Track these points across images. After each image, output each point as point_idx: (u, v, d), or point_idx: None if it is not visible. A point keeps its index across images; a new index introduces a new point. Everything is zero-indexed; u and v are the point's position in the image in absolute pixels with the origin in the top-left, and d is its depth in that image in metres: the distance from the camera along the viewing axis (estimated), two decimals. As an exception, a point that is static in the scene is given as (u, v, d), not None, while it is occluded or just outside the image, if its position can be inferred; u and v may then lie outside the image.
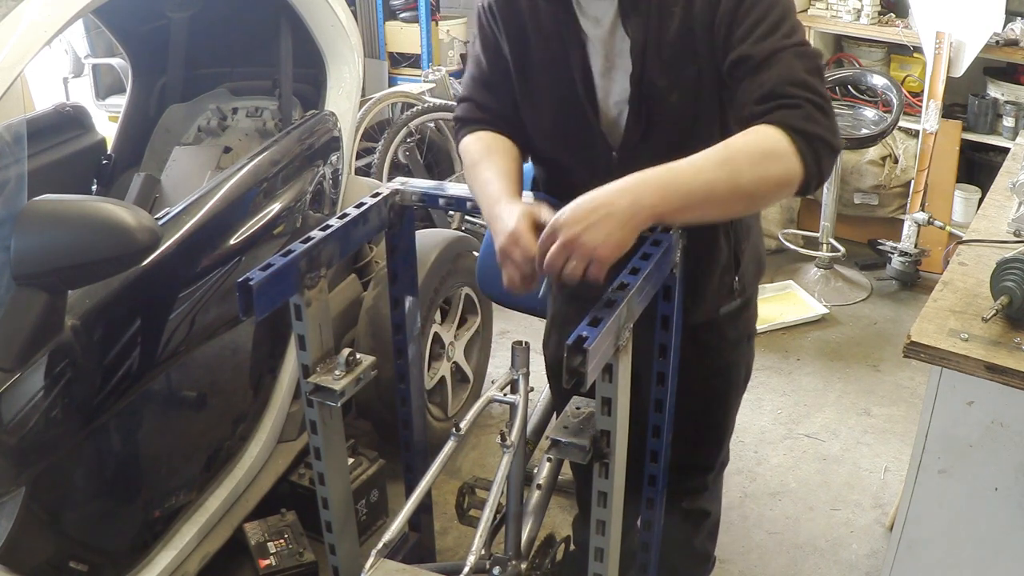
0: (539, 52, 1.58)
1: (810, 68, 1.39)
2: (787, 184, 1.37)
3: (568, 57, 1.54)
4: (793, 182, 1.36)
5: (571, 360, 1.26)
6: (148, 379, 1.94)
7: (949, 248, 2.03)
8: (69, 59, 5.08)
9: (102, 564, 1.92)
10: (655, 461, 1.81)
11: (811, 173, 1.36)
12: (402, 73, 5.50)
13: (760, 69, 1.39)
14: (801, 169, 1.35)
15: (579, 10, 1.52)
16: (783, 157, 1.34)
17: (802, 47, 1.40)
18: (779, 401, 3.25)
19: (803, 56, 1.39)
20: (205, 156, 2.77)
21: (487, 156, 1.59)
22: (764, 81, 1.38)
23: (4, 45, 1.63)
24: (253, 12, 2.68)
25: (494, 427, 3.03)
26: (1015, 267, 1.55)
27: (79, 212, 1.60)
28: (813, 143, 1.35)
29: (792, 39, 1.40)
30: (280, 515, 2.44)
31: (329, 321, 1.67)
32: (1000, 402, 1.52)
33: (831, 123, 1.38)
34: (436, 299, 2.75)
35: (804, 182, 1.36)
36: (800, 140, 1.34)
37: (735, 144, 1.35)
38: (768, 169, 1.34)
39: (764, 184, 1.35)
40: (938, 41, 3.65)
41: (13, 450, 1.63)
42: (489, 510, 1.52)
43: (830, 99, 1.41)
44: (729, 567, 2.49)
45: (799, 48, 1.40)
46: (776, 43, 1.39)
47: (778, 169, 1.34)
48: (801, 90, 1.37)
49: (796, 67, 1.38)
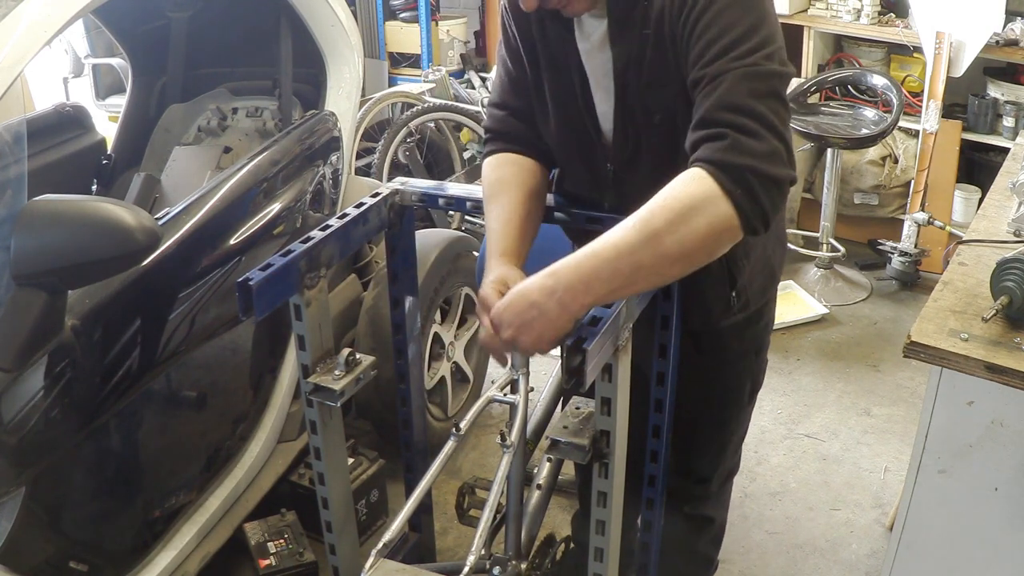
0: (545, 63, 1.58)
1: (756, 90, 1.27)
2: (721, 232, 1.25)
3: (569, 71, 1.54)
4: (729, 228, 1.24)
5: (571, 360, 1.27)
6: (148, 379, 1.94)
7: (949, 248, 2.03)
8: (69, 59, 5.08)
9: (102, 564, 1.92)
10: (655, 461, 1.81)
11: (747, 212, 1.23)
12: (402, 73, 5.50)
13: (703, 94, 1.30)
14: (732, 211, 1.23)
15: (577, 25, 1.51)
16: (707, 205, 1.23)
17: (754, 67, 1.28)
18: (779, 401, 3.25)
19: (752, 77, 1.27)
20: (205, 156, 2.77)
21: (497, 195, 1.61)
22: (699, 108, 1.30)
23: (4, 45, 1.63)
24: (253, 12, 2.68)
25: (494, 427, 3.03)
26: (1015, 267, 1.54)
27: (79, 212, 1.60)
28: (741, 177, 1.23)
29: (746, 59, 1.28)
30: (280, 515, 2.44)
31: (329, 321, 1.67)
32: (1000, 402, 1.52)
33: (767, 147, 1.24)
34: (436, 299, 2.75)
35: (744, 223, 1.24)
36: (724, 177, 1.23)
37: (655, 205, 1.25)
38: (691, 225, 1.23)
39: (693, 242, 1.24)
40: (938, 41, 3.65)
41: (13, 450, 1.63)
42: (489, 510, 1.52)
43: (778, 121, 1.27)
44: (729, 567, 2.49)
45: (751, 68, 1.28)
46: (725, 64, 1.28)
47: (702, 222, 1.23)
48: (732, 115, 1.26)
49: (736, 90, 1.27)
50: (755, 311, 1.74)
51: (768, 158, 1.24)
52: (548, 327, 1.29)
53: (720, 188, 1.23)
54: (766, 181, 1.24)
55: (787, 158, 1.27)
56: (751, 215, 1.24)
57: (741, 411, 1.90)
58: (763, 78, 1.28)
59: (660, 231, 1.23)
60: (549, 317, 1.28)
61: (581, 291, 1.27)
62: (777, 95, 1.29)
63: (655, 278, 1.31)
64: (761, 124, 1.25)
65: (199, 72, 2.93)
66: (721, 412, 1.87)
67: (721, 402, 1.85)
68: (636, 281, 1.28)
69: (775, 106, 1.27)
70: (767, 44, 1.31)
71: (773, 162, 1.24)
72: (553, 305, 1.28)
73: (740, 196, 1.23)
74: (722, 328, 1.71)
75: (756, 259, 1.66)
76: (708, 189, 1.23)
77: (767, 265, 1.71)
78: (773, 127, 1.26)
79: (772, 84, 1.29)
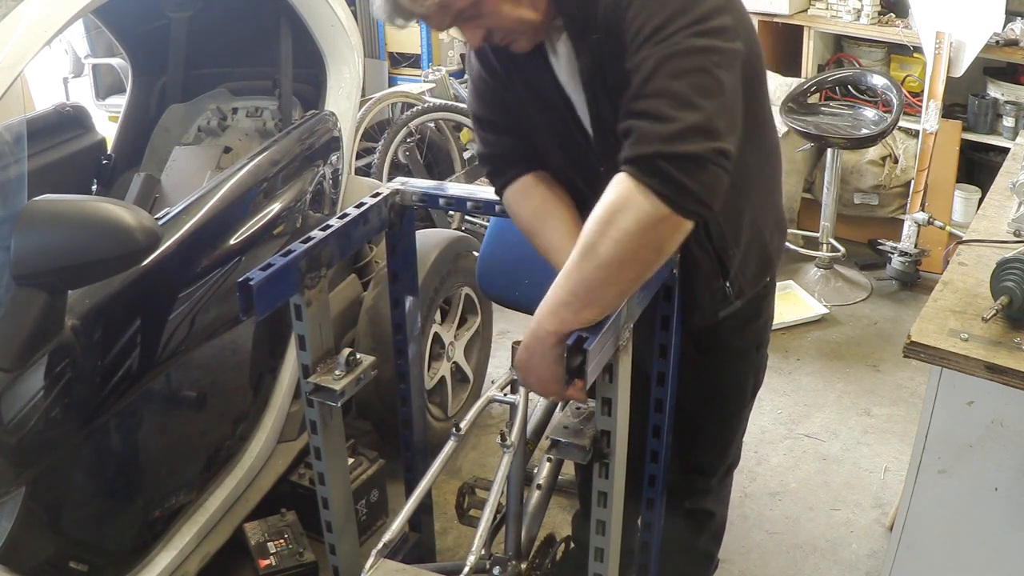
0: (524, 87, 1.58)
1: (676, 69, 1.23)
2: (654, 226, 1.23)
3: (546, 88, 1.55)
4: (661, 219, 1.22)
5: (571, 360, 1.27)
6: (148, 379, 1.94)
7: (949, 248, 2.03)
8: (69, 59, 5.07)
9: (102, 564, 1.92)
10: (655, 461, 1.81)
11: (672, 198, 1.21)
12: (402, 73, 5.50)
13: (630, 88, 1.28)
14: (657, 201, 1.21)
15: (547, 45, 1.52)
16: (628, 204, 1.22)
17: (674, 47, 1.25)
18: (779, 401, 3.25)
19: (671, 58, 1.24)
20: (205, 156, 2.77)
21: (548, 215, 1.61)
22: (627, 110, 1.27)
23: (4, 45, 1.63)
24: (253, 12, 2.68)
25: (494, 427, 3.03)
26: (1015, 267, 1.54)
27: (79, 212, 1.60)
28: (652, 166, 1.21)
29: (667, 40, 1.25)
30: (280, 515, 2.44)
31: (329, 321, 1.67)
32: (1000, 402, 1.52)
33: (676, 126, 1.20)
34: (436, 299, 2.75)
35: (677, 209, 1.22)
36: (636, 171, 1.22)
37: (588, 220, 1.27)
38: (620, 228, 1.23)
39: (628, 244, 1.23)
40: (938, 41, 3.65)
41: (13, 450, 1.63)
42: (489, 510, 1.53)
43: (697, 94, 1.22)
44: (729, 567, 2.49)
45: (671, 49, 1.25)
46: (646, 51, 1.26)
47: (629, 221, 1.22)
48: (643, 103, 1.24)
49: (654, 76, 1.24)
50: (754, 306, 1.74)
51: (676, 137, 1.21)
52: (546, 367, 1.37)
53: (636, 183, 1.22)
54: (679, 161, 1.20)
55: (708, 130, 1.21)
56: (678, 199, 1.22)
57: (744, 407, 1.91)
58: (685, 55, 1.24)
59: (593, 243, 1.26)
60: (545, 357, 1.36)
61: (554, 323, 1.32)
62: (702, 69, 1.24)
63: (613, 288, 1.30)
64: (673, 103, 1.22)
65: (199, 72, 2.93)
66: (724, 409, 1.88)
67: (724, 399, 1.86)
68: (596, 298, 1.29)
69: (698, 80, 1.23)
70: (701, 21, 1.27)
71: (684, 139, 1.21)
72: (538, 344, 1.35)
73: (658, 185, 1.21)
74: (722, 322, 1.70)
75: (748, 245, 1.64)
76: (626, 188, 1.23)
77: (762, 252, 1.69)
78: (688, 102, 1.22)
79: (696, 60, 1.24)
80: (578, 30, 1.44)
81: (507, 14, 1.41)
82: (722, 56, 1.27)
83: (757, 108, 1.55)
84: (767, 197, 1.68)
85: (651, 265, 1.31)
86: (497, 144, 1.67)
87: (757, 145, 1.58)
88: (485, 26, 1.43)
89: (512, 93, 1.60)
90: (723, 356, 1.79)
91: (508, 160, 1.66)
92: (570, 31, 1.46)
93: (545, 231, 1.61)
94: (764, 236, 1.68)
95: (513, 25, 1.43)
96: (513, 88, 1.60)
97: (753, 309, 1.75)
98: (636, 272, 1.30)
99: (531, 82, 1.56)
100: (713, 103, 1.23)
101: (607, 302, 1.31)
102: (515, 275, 2.16)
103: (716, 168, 1.23)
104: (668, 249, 1.29)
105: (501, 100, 1.64)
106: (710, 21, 1.28)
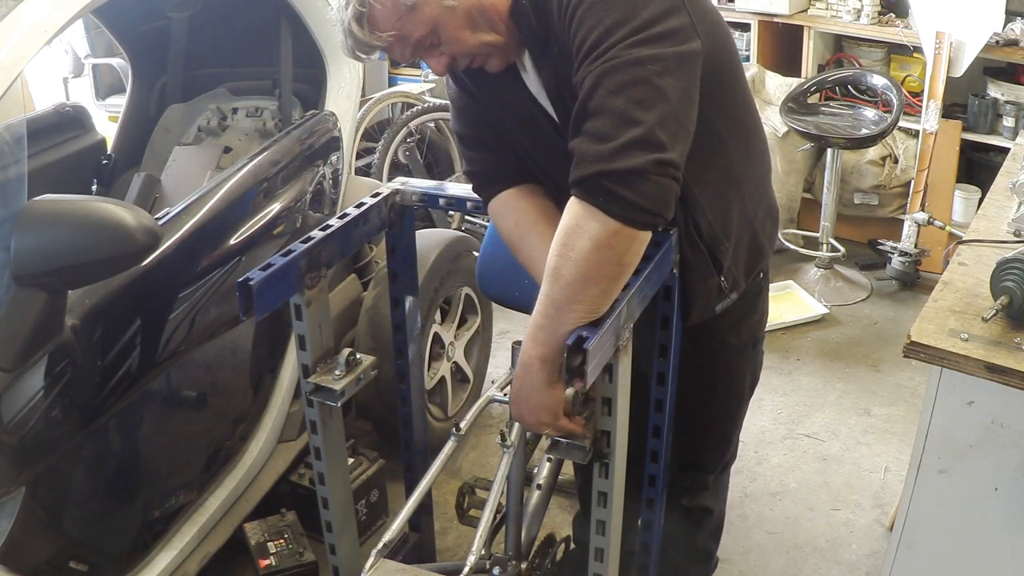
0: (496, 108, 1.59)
1: (613, 84, 1.24)
2: (610, 242, 1.26)
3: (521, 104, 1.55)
4: (615, 234, 1.26)
5: (571, 360, 1.27)
6: (148, 379, 1.94)
7: (949, 248, 2.03)
8: (69, 59, 5.07)
9: (102, 564, 1.92)
10: (655, 461, 1.81)
11: (621, 214, 1.24)
12: (402, 73, 5.50)
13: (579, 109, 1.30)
14: (607, 219, 1.25)
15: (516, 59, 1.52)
16: (580, 225, 1.26)
17: (611, 62, 1.25)
18: (779, 401, 3.25)
19: (608, 72, 1.25)
20: (205, 156, 2.77)
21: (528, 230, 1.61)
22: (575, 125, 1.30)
23: (4, 45, 1.63)
24: (253, 12, 2.68)
25: (494, 427, 3.03)
26: (1015, 267, 1.54)
27: (79, 212, 1.60)
28: (596, 185, 1.24)
29: (603, 56, 1.26)
30: (280, 515, 2.44)
31: (329, 321, 1.67)
32: (1000, 402, 1.52)
33: (614, 144, 1.22)
34: (436, 299, 2.75)
35: (631, 222, 1.26)
36: (583, 193, 1.26)
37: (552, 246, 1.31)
38: (577, 249, 1.27)
39: (588, 263, 1.27)
40: (938, 41, 3.65)
41: (13, 450, 1.63)
42: (489, 510, 1.53)
43: (635, 108, 1.23)
44: (729, 567, 2.49)
45: (607, 64, 1.26)
46: (586, 69, 1.28)
47: (584, 242, 1.26)
48: (584, 123, 1.26)
49: (592, 95, 1.26)
50: (749, 303, 1.75)
51: (615, 155, 1.23)
52: (538, 398, 1.38)
53: (583, 205, 1.26)
54: (620, 177, 1.23)
55: (648, 142, 1.23)
56: (629, 213, 1.25)
57: (742, 404, 1.92)
58: (623, 68, 1.25)
59: (557, 266, 1.30)
60: (535, 387, 1.37)
61: (536, 348, 1.35)
62: (641, 80, 1.24)
63: (581, 306, 1.30)
64: (612, 121, 1.24)
65: (199, 72, 2.93)
66: (723, 406, 1.89)
67: (723, 396, 1.87)
68: (566, 320, 1.30)
69: (637, 93, 1.24)
70: (643, 28, 1.26)
71: (624, 156, 1.22)
72: (526, 373, 1.37)
73: (603, 203, 1.24)
74: (718, 319, 1.71)
75: (739, 237, 1.65)
76: (576, 211, 1.28)
77: (754, 241, 1.69)
78: (628, 118, 1.23)
79: (635, 72, 1.25)
80: (539, 46, 1.45)
81: (467, 40, 1.41)
82: (664, 63, 1.27)
83: (732, 101, 1.55)
84: (756, 187, 1.68)
85: (617, 278, 1.33)
86: (479, 161, 1.68)
87: (739, 137, 1.59)
88: (448, 53, 1.44)
89: (490, 112, 1.62)
90: (720, 353, 1.80)
91: (490, 176, 1.67)
92: (530, 48, 1.47)
93: (524, 246, 1.63)
94: (755, 226, 1.68)
95: (476, 50, 1.44)
96: (489, 107, 1.61)
97: (748, 306, 1.76)
98: (602, 287, 1.31)
99: (506, 101, 1.57)
100: (654, 114, 1.24)
101: (578, 319, 1.31)
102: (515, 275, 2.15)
103: (660, 179, 1.25)
104: (630, 260, 1.32)
105: (481, 117, 1.65)
106: (653, 27, 1.27)
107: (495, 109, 1.60)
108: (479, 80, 1.57)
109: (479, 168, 1.68)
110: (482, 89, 1.59)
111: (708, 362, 1.80)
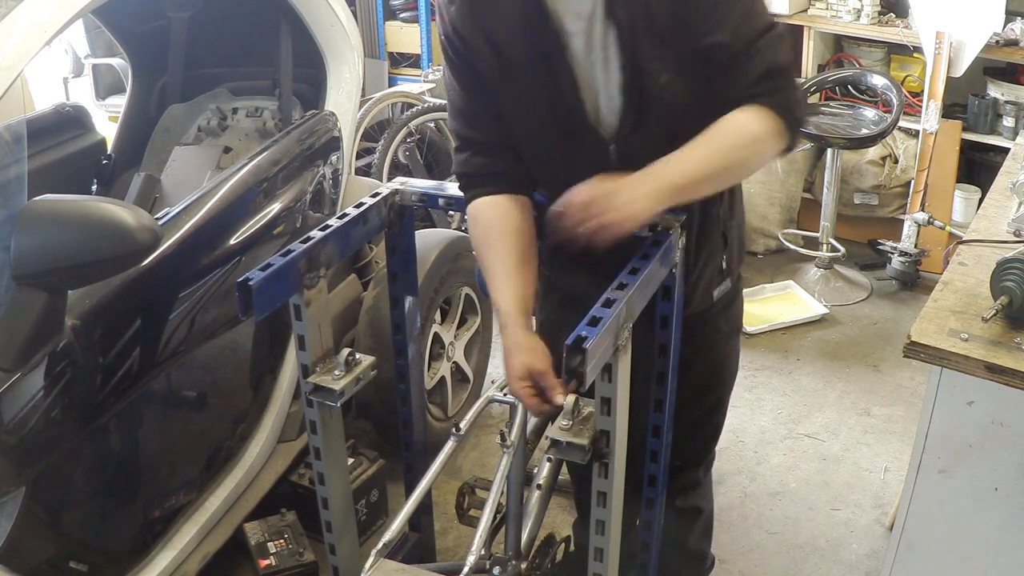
0: (517, 58, 1.55)
1: (784, 52, 1.56)
2: (774, 157, 1.60)
3: (549, 57, 1.52)
4: (778, 154, 1.60)
5: (570, 360, 1.27)
6: (148, 379, 1.94)
7: (949, 248, 2.03)
8: (69, 59, 5.07)
9: (102, 564, 1.92)
10: (655, 461, 1.81)
11: (791, 147, 1.60)
12: (402, 73, 5.50)
13: (742, 58, 1.50)
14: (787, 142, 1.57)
15: (557, 7, 1.50)
16: (772, 136, 1.53)
17: (771, 31, 1.53)
18: (779, 401, 3.25)
19: (777, 41, 1.54)
20: (205, 156, 2.77)
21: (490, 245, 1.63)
22: (750, 70, 1.51)
23: (4, 45, 1.63)
24: (253, 12, 2.68)
25: (494, 427, 3.03)
26: (1015, 267, 1.54)
27: (79, 212, 1.61)
28: (797, 121, 1.57)
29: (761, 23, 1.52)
30: (280, 515, 2.44)
31: (329, 321, 1.67)
32: (1000, 402, 1.52)
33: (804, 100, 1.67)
34: (436, 299, 2.75)
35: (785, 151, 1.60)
36: (786, 119, 1.53)
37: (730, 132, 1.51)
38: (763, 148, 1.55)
39: (760, 161, 1.59)
40: (938, 41, 3.65)
41: (13, 450, 1.63)
42: (489, 510, 1.53)
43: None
44: (729, 567, 2.49)
45: (771, 33, 1.52)
46: (752, 33, 1.50)
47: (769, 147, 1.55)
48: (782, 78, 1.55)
49: (775, 55, 1.53)
50: (736, 281, 1.86)
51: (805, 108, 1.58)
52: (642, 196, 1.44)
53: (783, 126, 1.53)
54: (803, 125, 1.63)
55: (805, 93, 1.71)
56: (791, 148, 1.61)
57: (729, 392, 1.99)
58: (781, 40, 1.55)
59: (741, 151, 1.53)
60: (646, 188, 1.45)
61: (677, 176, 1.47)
62: (789, 47, 1.62)
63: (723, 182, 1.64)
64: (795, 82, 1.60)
65: (199, 72, 2.93)
66: (715, 394, 1.95)
67: (715, 385, 1.93)
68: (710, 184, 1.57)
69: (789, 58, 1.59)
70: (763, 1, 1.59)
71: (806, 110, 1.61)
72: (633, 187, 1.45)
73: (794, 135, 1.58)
74: (714, 307, 1.80)
75: (737, 223, 1.81)
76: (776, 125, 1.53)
77: (741, 231, 1.85)
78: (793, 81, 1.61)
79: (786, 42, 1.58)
80: None
81: None
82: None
83: None
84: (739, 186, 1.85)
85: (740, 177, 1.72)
86: (465, 163, 1.68)
87: None
88: None
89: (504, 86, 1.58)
90: (714, 340, 1.86)
91: (472, 180, 1.67)
92: None
93: (484, 255, 1.63)
94: (744, 216, 1.87)
95: None
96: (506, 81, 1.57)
97: (734, 290, 1.87)
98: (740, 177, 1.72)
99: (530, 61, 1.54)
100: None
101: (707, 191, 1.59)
102: (515, 275, 2.16)
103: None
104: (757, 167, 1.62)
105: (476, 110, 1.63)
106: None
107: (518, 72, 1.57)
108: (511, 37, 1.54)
109: (463, 170, 1.69)
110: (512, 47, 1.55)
111: (703, 350, 1.84)
